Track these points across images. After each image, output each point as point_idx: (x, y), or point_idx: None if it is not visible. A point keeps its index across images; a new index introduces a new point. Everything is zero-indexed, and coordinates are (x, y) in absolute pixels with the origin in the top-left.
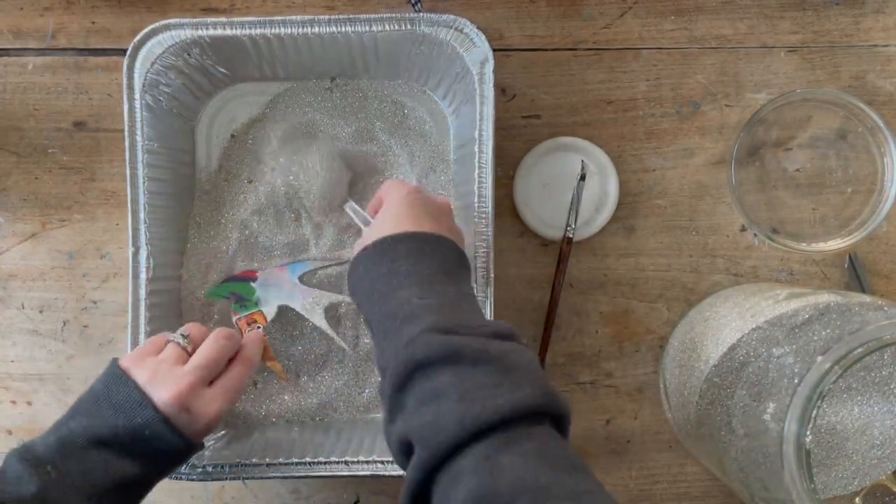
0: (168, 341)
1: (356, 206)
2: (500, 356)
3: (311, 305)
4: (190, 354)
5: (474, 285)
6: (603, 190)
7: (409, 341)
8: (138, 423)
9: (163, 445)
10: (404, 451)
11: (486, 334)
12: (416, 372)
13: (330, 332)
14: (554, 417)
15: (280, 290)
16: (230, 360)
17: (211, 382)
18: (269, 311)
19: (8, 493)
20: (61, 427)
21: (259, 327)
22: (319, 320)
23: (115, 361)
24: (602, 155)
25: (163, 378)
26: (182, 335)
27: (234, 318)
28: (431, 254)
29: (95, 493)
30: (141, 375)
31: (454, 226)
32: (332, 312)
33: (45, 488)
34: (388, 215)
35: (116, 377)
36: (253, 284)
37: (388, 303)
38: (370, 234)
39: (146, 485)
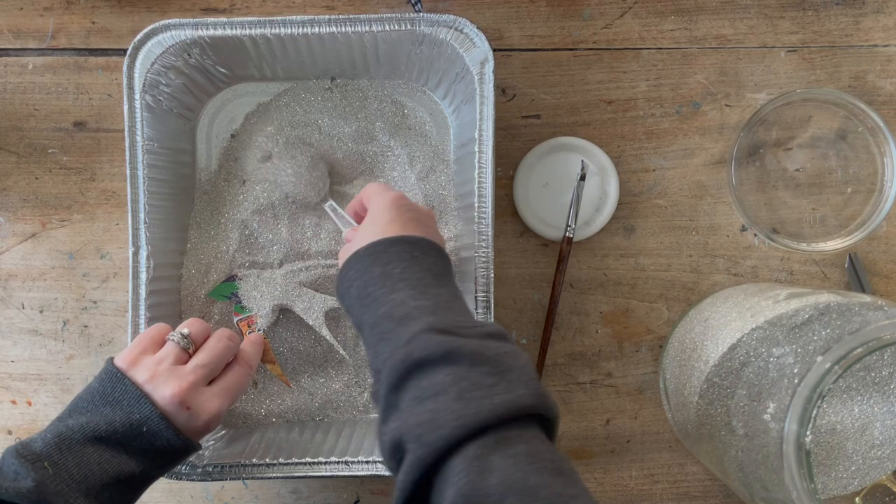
0: (167, 339)
1: (336, 206)
2: (496, 357)
3: (312, 310)
4: (190, 354)
5: (475, 286)
6: (603, 190)
7: (407, 340)
8: (136, 420)
9: (160, 443)
10: (396, 455)
11: (481, 335)
12: (414, 370)
13: (330, 338)
14: (544, 420)
15: (274, 291)
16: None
17: (210, 382)
18: (265, 313)
19: (5, 489)
20: (59, 424)
21: (260, 329)
22: (320, 327)
23: (110, 360)
24: (602, 155)
25: (163, 377)
26: (182, 334)
27: (236, 320)
28: (422, 257)
29: (92, 488)
30: (140, 375)
31: (438, 234)
32: (331, 314)
33: (42, 483)
34: (376, 219)
35: (113, 375)
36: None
37: (383, 305)
38: (359, 239)
39: (143, 482)
